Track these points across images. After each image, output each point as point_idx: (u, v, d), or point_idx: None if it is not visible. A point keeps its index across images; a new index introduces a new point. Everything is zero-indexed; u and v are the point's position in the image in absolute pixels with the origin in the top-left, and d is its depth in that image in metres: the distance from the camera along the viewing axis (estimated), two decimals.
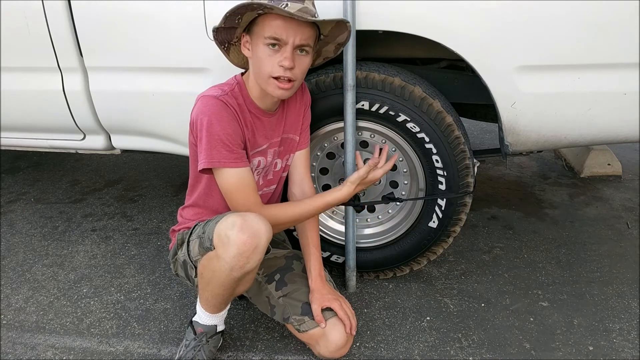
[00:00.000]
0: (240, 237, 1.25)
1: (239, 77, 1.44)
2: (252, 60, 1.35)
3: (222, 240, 1.28)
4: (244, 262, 1.28)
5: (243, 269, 1.29)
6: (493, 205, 2.48)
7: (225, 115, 1.33)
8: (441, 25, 1.47)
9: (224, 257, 1.28)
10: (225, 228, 1.28)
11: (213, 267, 1.33)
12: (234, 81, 1.42)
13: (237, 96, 1.38)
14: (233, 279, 1.33)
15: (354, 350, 1.58)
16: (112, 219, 2.49)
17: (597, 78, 1.48)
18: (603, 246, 2.10)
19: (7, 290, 1.96)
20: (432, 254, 1.80)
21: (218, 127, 1.31)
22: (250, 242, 1.26)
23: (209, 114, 1.32)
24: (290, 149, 1.56)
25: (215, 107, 1.32)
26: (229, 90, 1.38)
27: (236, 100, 1.37)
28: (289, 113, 1.52)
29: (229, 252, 1.27)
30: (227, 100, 1.34)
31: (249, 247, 1.26)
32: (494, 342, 1.60)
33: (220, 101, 1.33)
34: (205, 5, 1.58)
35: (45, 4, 1.72)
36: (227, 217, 1.30)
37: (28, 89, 1.92)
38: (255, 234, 1.27)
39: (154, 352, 1.61)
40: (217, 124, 1.31)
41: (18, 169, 3.21)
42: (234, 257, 1.27)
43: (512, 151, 1.65)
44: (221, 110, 1.33)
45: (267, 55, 1.29)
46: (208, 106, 1.33)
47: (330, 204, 1.50)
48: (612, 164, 2.73)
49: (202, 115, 1.32)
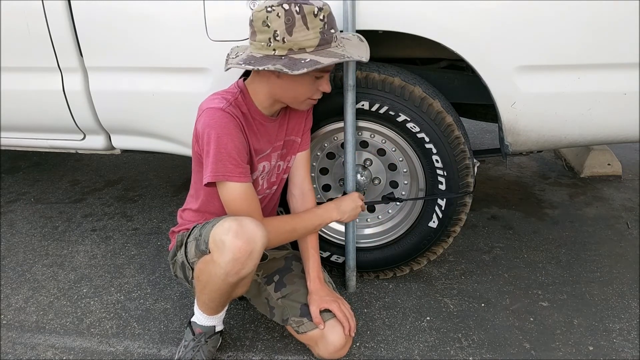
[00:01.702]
0: (235, 243, 1.25)
1: (241, 83, 1.42)
2: (284, 84, 1.34)
3: (217, 245, 1.28)
4: (239, 268, 1.27)
5: (238, 274, 1.29)
6: (493, 205, 2.48)
7: (233, 128, 1.32)
8: (441, 25, 1.46)
9: (219, 262, 1.28)
10: (221, 233, 1.27)
11: (209, 271, 1.33)
12: (236, 89, 1.40)
13: (240, 105, 1.37)
14: (229, 284, 1.33)
15: (354, 350, 1.58)
16: (112, 219, 2.49)
17: (597, 78, 1.48)
18: (603, 246, 2.10)
19: (7, 290, 1.96)
20: (432, 254, 1.80)
21: (226, 141, 1.31)
22: (245, 248, 1.25)
23: (217, 128, 1.30)
24: (292, 150, 1.56)
25: (222, 120, 1.31)
26: (233, 100, 1.36)
27: (240, 109, 1.37)
28: (291, 116, 1.52)
29: (224, 258, 1.26)
30: (233, 112, 1.33)
31: (244, 253, 1.26)
32: (494, 342, 1.60)
33: (226, 113, 1.32)
34: (205, 6, 1.58)
35: (45, 4, 1.72)
36: (223, 222, 1.29)
37: (28, 89, 1.92)
38: (251, 240, 1.26)
39: (154, 352, 1.61)
40: (225, 138, 1.31)
41: (18, 169, 3.21)
42: (229, 263, 1.26)
43: (512, 151, 1.65)
44: (228, 123, 1.32)
45: (310, 84, 1.35)
46: (215, 119, 1.31)
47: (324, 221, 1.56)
48: (612, 164, 2.73)
49: (210, 128, 1.31)
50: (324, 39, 1.26)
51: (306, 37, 1.24)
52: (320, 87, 1.37)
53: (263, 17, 1.24)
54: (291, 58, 1.25)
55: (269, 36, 1.24)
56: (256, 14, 1.25)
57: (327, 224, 1.58)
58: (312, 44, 1.25)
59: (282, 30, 1.23)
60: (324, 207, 1.57)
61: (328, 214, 1.55)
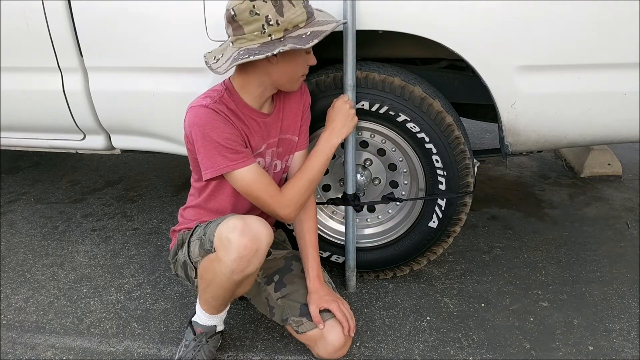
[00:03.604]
0: (241, 241, 1.26)
1: (227, 82, 1.42)
2: (280, 67, 1.34)
3: (223, 243, 1.28)
4: (244, 265, 1.28)
5: (244, 272, 1.30)
6: (493, 205, 2.48)
7: (219, 122, 1.32)
8: (441, 25, 1.47)
9: (224, 260, 1.28)
10: (226, 231, 1.28)
11: (214, 269, 1.33)
12: (221, 87, 1.40)
13: (227, 102, 1.37)
14: (233, 281, 1.33)
15: (354, 350, 1.58)
16: (112, 219, 2.49)
17: (597, 78, 1.48)
18: (603, 246, 2.10)
19: (7, 290, 1.96)
20: (432, 254, 1.80)
21: (214, 134, 1.31)
22: (251, 246, 1.26)
23: (201, 124, 1.31)
24: (289, 149, 1.56)
25: (206, 116, 1.32)
26: (218, 97, 1.36)
27: (227, 105, 1.36)
28: (286, 113, 1.51)
29: (230, 256, 1.27)
30: (216, 108, 1.33)
31: (250, 251, 1.27)
32: (494, 342, 1.60)
33: (209, 109, 1.32)
34: (205, 6, 1.58)
35: (45, 4, 1.72)
36: (228, 220, 1.30)
37: (28, 89, 1.92)
38: (256, 238, 1.27)
39: (154, 352, 1.61)
40: (213, 132, 1.31)
41: (18, 169, 3.21)
42: (235, 261, 1.27)
43: (512, 151, 1.65)
44: (213, 118, 1.32)
45: (303, 61, 1.37)
46: (199, 116, 1.32)
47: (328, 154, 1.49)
48: (612, 164, 2.73)
49: (194, 126, 1.32)
50: (309, 12, 1.30)
51: (296, 13, 1.26)
52: (309, 62, 1.39)
53: (249, 7, 1.23)
54: (292, 37, 1.27)
55: (261, 23, 1.24)
56: (238, 7, 1.24)
57: (333, 152, 1.50)
58: (303, 19, 1.28)
59: (274, 14, 1.24)
60: (320, 142, 1.50)
61: (329, 144, 1.49)
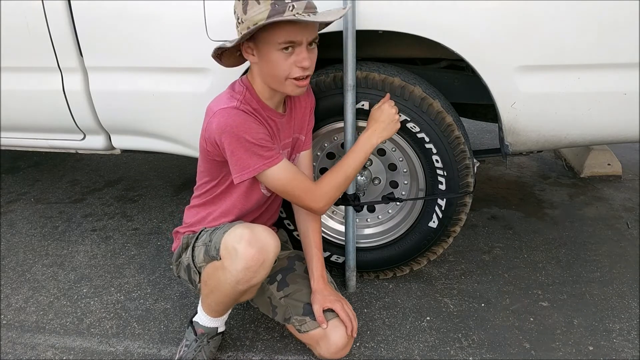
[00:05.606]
0: (248, 251, 1.25)
1: (245, 81, 1.40)
2: (261, 65, 1.33)
3: (229, 252, 1.28)
4: (250, 276, 1.28)
5: (249, 282, 1.30)
6: (493, 205, 2.48)
7: (250, 122, 1.32)
8: (441, 25, 1.46)
9: (230, 269, 1.28)
10: (233, 240, 1.28)
11: (218, 277, 1.33)
12: (242, 87, 1.38)
13: (250, 102, 1.37)
14: (238, 291, 1.33)
15: (354, 350, 1.58)
16: (112, 219, 2.49)
17: (597, 78, 1.48)
18: (603, 246, 2.10)
19: (7, 290, 1.96)
20: (432, 254, 1.80)
21: (248, 136, 1.30)
22: (258, 257, 1.26)
23: (235, 126, 1.30)
24: (297, 148, 1.56)
25: (239, 117, 1.31)
26: (242, 98, 1.35)
27: (251, 105, 1.36)
28: (296, 113, 1.52)
29: (236, 266, 1.27)
30: (246, 109, 1.33)
31: (257, 262, 1.27)
32: (494, 342, 1.60)
33: (240, 111, 1.31)
34: (205, 5, 1.58)
35: (45, 4, 1.72)
36: (235, 228, 1.30)
37: (28, 89, 1.92)
38: (264, 249, 1.27)
39: (154, 352, 1.61)
40: (246, 133, 1.30)
41: (18, 169, 3.21)
42: (241, 271, 1.27)
43: (512, 151, 1.65)
44: (246, 119, 1.31)
45: (282, 59, 1.28)
46: (232, 117, 1.30)
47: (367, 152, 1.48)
48: (612, 164, 2.73)
49: (228, 127, 1.30)
50: (274, 9, 1.23)
51: (257, 11, 1.24)
52: (297, 63, 1.29)
53: (234, 8, 1.30)
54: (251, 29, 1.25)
55: (237, 22, 1.29)
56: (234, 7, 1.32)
57: (371, 151, 1.50)
58: (263, 17, 1.23)
59: (240, 12, 1.27)
60: (360, 140, 1.50)
61: (369, 143, 1.49)
